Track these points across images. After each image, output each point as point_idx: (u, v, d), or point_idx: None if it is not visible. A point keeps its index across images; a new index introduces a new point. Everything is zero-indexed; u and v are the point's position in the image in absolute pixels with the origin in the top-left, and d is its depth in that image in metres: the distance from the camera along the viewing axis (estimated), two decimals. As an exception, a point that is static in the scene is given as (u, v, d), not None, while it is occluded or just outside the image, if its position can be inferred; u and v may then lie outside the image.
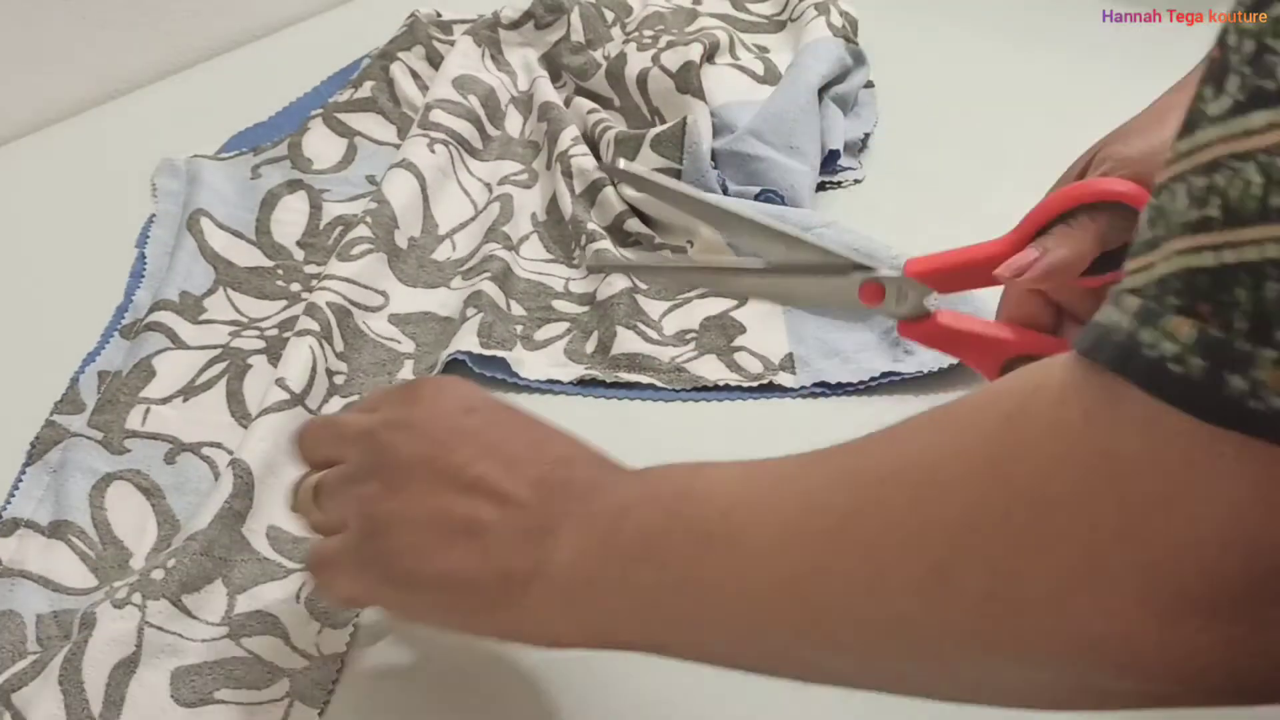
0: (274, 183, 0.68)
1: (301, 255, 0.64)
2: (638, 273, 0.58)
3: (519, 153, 0.73)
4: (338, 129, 0.73)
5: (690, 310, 0.61)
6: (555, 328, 0.60)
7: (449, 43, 0.79)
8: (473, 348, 0.56)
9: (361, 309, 0.60)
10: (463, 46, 0.78)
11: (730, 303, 0.62)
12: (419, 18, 0.80)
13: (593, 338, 0.59)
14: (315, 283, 0.60)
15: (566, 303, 0.62)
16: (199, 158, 0.71)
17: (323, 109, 0.75)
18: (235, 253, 0.64)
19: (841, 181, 0.71)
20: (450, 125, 0.71)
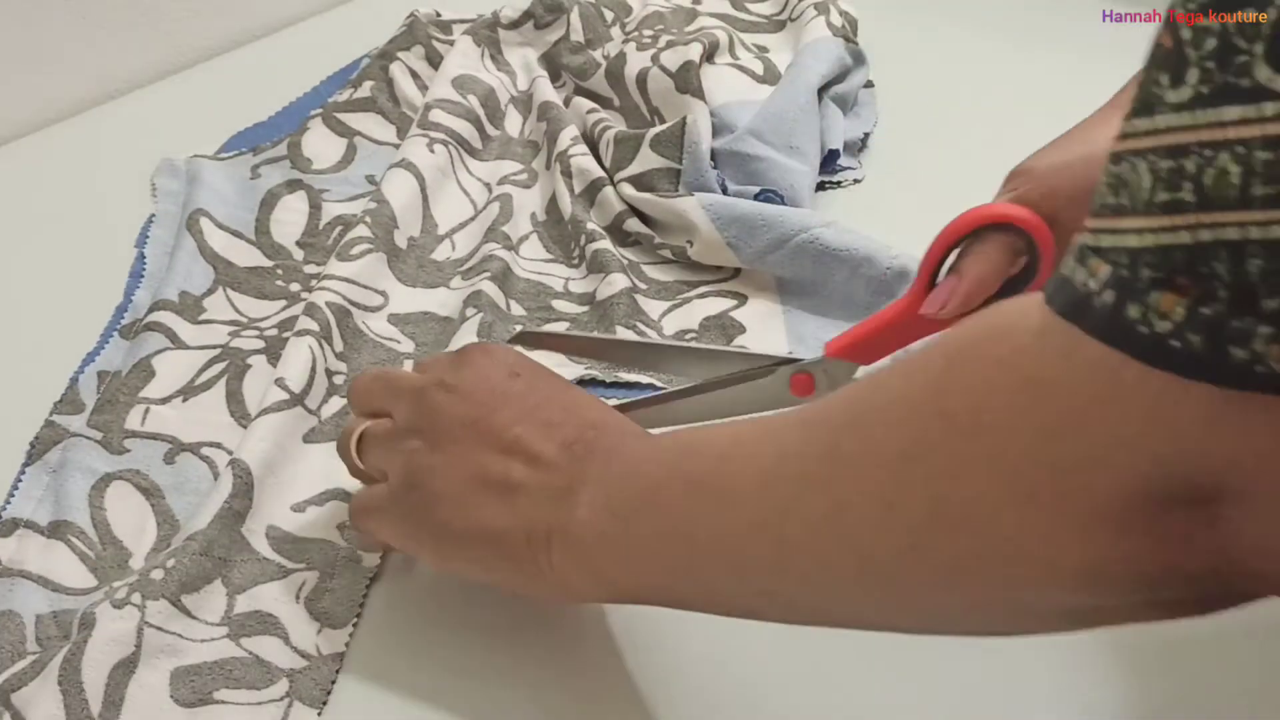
0: (274, 183, 0.68)
1: (301, 255, 0.64)
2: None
3: (518, 153, 0.73)
4: (337, 129, 0.73)
5: (690, 310, 0.61)
6: (555, 328, 0.60)
7: (449, 43, 0.79)
8: (473, 348, 0.56)
9: (361, 309, 0.60)
10: (462, 46, 0.78)
11: (730, 302, 0.62)
12: (418, 18, 0.80)
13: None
14: (315, 283, 0.60)
15: (566, 302, 0.62)
16: (199, 158, 0.71)
17: (322, 109, 0.75)
18: (235, 253, 0.64)
19: (841, 181, 0.71)
20: (450, 125, 0.71)
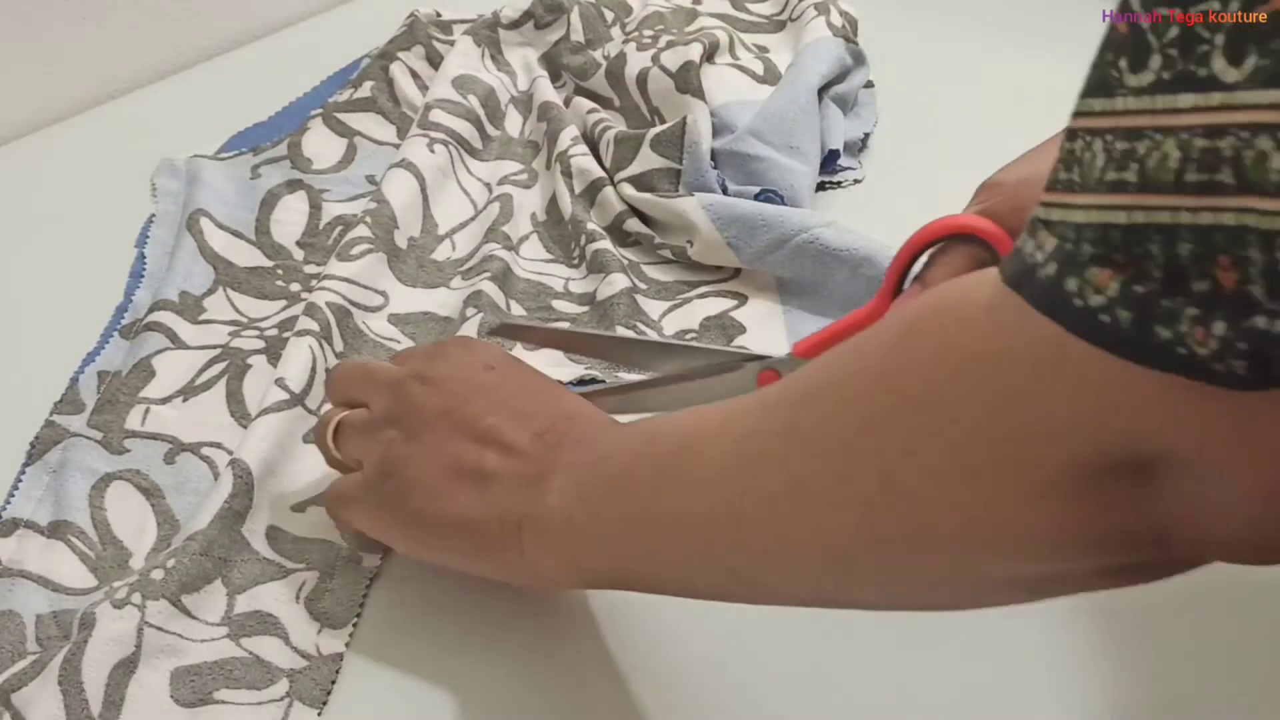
0: (274, 183, 0.68)
1: (301, 255, 0.64)
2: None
3: (519, 153, 0.73)
4: (337, 129, 0.73)
5: (690, 310, 0.61)
6: (562, 325, 0.60)
7: (449, 43, 0.79)
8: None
9: (361, 309, 0.60)
10: (462, 46, 0.78)
11: (730, 302, 0.62)
12: (419, 18, 0.80)
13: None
14: (315, 283, 0.60)
15: (566, 302, 0.62)
16: (199, 158, 0.71)
17: (322, 109, 0.75)
18: (235, 253, 0.64)
19: (841, 181, 0.71)
20: (450, 125, 0.71)
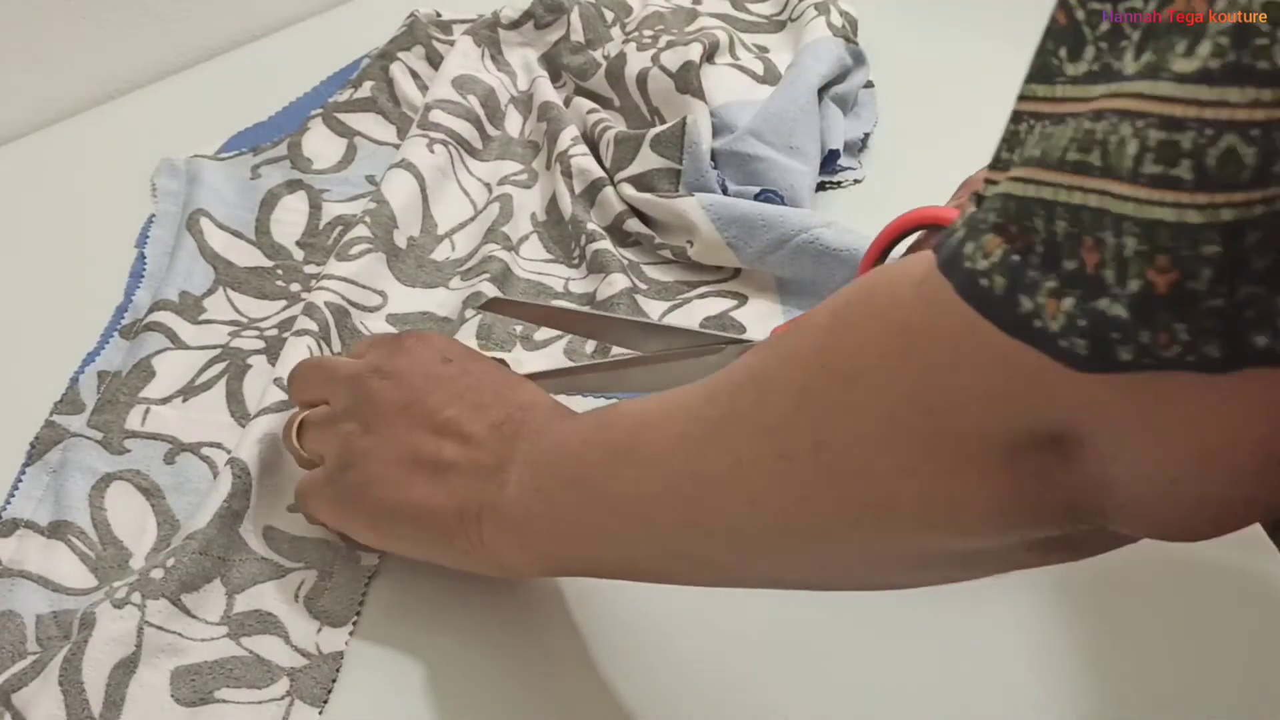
0: (274, 183, 0.68)
1: (301, 255, 0.64)
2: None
3: (518, 153, 0.73)
4: (337, 129, 0.73)
5: (690, 310, 0.61)
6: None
7: (449, 43, 0.79)
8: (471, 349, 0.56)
9: (360, 309, 0.60)
10: (462, 46, 0.78)
11: (730, 302, 0.62)
12: (419, 18, 0.80)
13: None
14: (314, 283, 0.60)
15: (566, 302, 0.62)
16: (199, 158, 0.71)
17: (322, 109, 0.75)
18: (235, 253, 0.64)
19: (841, 181, 0.71)
20: (450, 125, 0.71)
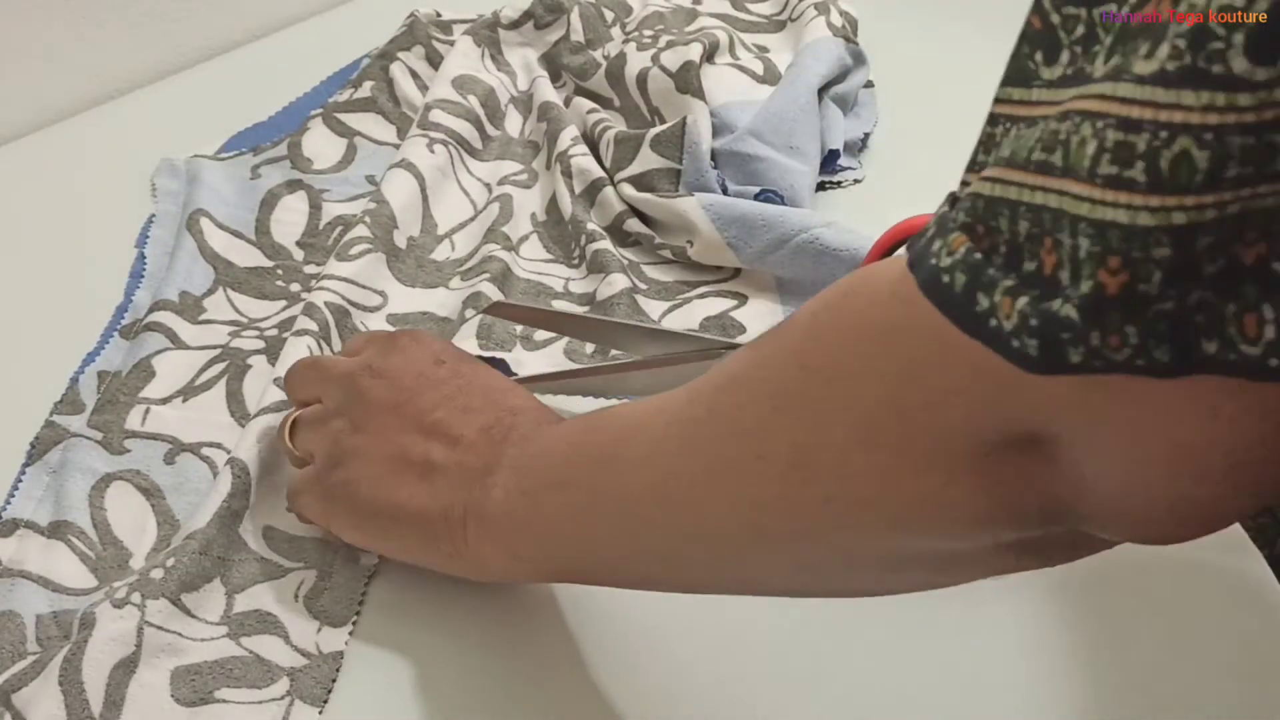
0: (274, 183, 0.68)
1: (301, 255, 0.64)
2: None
3: (518, 153, 0.73)
4: (337, 129, 0.73)
5: (690, 310, 0.61)
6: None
7: (449, 43, 0.79)
8: (471, 349, 0.56)
9: (360, 309, 0.60)
10: (462, 46, 0.78)
11: (730, 302, 0.62)
12: (419, 18, 0.80)
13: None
14: (314, 283, 0.60)
15: (566, 303, 0.62)
16: (199, 158, 0.71)
17: (322, 109, 0.75)
18: (235, 253, 0.64)
19: (841, 181, 0.71)
20: (450, 125, 0.71)
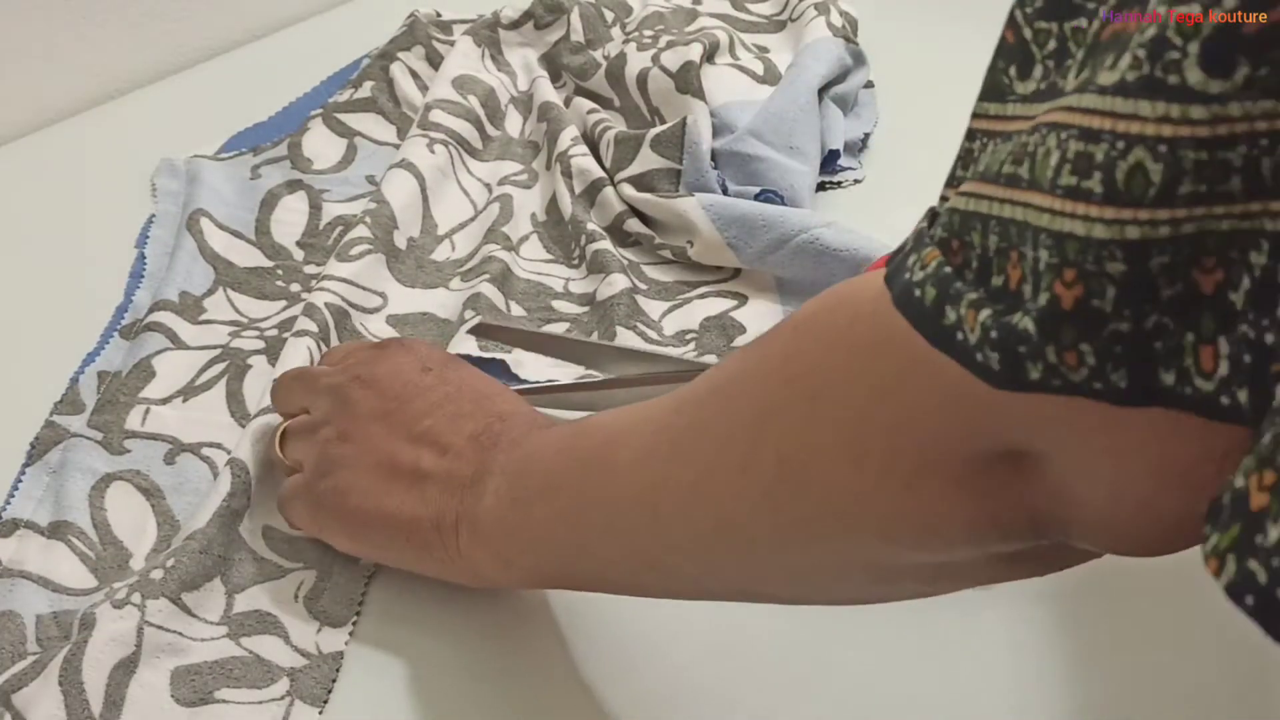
0: (274, 183, 0.68)
1: (301, 255, 0.64)
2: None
3: (519, 153, 0.73)
4: (337, 129, 0.73)
5: (690, 310, 0.61)
6: (555, 328, 0.60)
7: (449, 43, 0.79)
8: (470, 350, 0.56)
9: (360, 310, 0.60)
10: (462, 46, 0.78)
11: (730, 303, 0.62)
12: (419, 18, 0.80)
13: (592, 338, 0.59)
14: (314, 283, 0.60)
15: (566, 303, 0.62)
16: (199, 158, 0.71)
17: (322, 109, 0.75)
18: (235, 253, 0.64)
19: (841, 181, 0.71)
20: (450, 125, 0.71)
